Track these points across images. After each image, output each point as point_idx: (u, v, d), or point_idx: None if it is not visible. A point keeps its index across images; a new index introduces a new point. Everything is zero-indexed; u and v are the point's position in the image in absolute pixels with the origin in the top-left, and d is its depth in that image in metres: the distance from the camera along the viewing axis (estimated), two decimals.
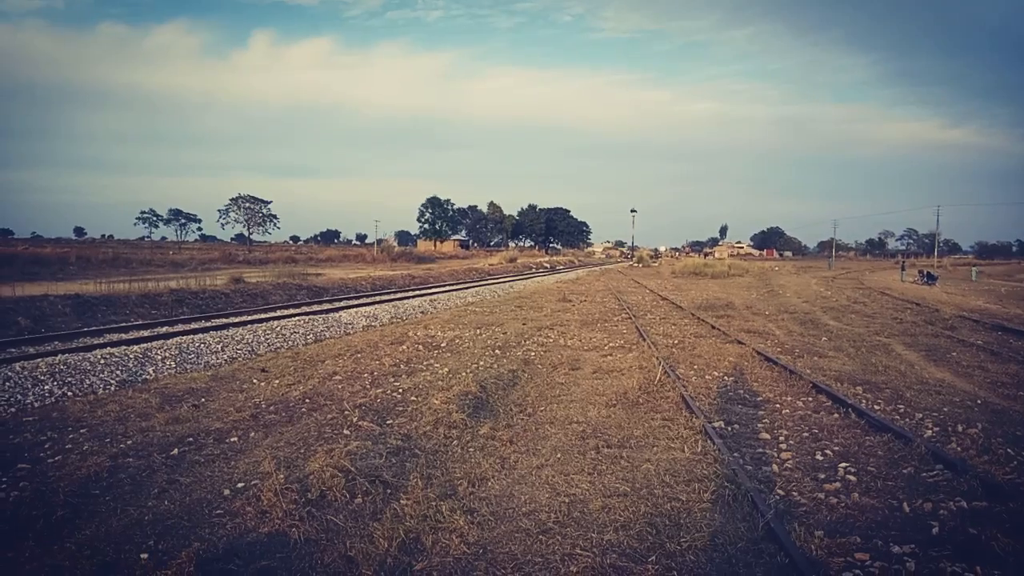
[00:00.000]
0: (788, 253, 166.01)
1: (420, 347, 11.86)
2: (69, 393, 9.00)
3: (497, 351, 11.43)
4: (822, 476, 5.41)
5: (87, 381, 9.67)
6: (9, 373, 9.66)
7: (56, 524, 4.44)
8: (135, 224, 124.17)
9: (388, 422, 6.95)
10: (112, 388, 9.37)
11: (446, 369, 9.77)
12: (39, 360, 10.82)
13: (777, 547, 4.08)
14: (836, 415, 7.27)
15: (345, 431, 6.58)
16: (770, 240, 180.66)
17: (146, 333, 14.43)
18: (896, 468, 5.57)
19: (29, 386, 9.12)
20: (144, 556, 3.99)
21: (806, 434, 6.60)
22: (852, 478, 5.33)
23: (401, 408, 7.53)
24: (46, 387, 9.16)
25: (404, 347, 11.80)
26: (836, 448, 6.10)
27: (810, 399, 8.00)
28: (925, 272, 39.67)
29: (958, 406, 7.76)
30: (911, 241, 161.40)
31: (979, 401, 8.05)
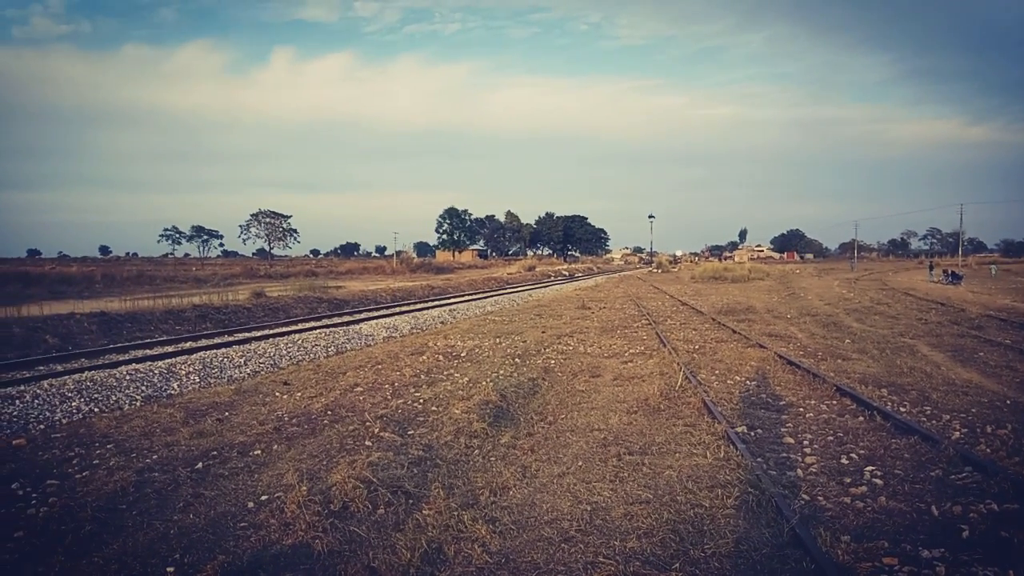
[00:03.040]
0: (809, 255, 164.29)
1: (440, 357, 11.89)
2: (96, 409, 9.13)
3: (517, 360, 11.42)
4: (848, 480, 5.33)
5: (113, 397, 9.81)
6: (38, 391, 9.84)
7: (84, 539, 4.51)
8: (158, 241, 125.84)
9: (409, 432, 6.97)
10: (137, 403, 9.49)
11: (466, 379, 9.78)
12: (66, 377, 11.00)
13: (803, 553, 4.03)
14: (861, 418, 7.17)
15: (367, 442, 6.60)
16: (790, 243, 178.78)
17: (170, 349, 14.62)
18: (924, 471, 5.48)
19: (57, 403, 9.28)
20: (170, 569, 4.04)
21: (831, 438, 6.51)
22: (879, 482, 5.25)
23: (422, 418, 7.55)
24: (73, 404, 9.31)
25: (424, 357, 11.84)
26: (862, 451, 6.02)
27: (834, 402, 7.91)
28: (949, 271, 39.08)
29: (986, 407, 7.63)
30: (934, 241, 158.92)
31: (1008, 401, 7.90)
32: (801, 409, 7.65)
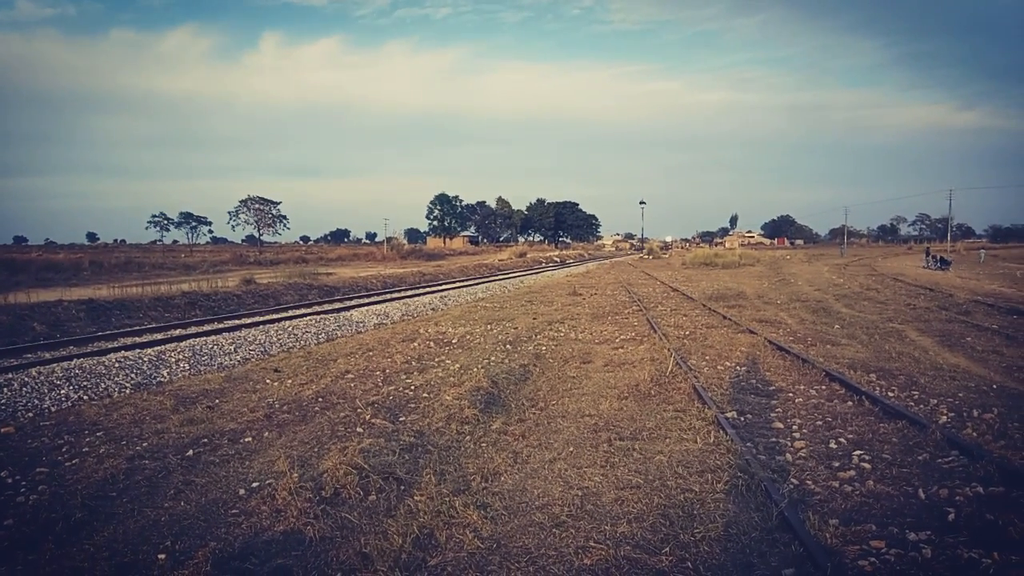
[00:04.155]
0: (799, 241, 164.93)
1: (431, 344, 11.88)
2: (85, 397, 9.08)
3: (508, 346, 11.43)
4: (836, 464, 5.38)
5: (102, 385, 9.75)
6: (26, 379, 9.77)
7: (75, 526, 4.50)
8: (147, 228, 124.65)
9: (401, 419, 6.97)
10: (127, 391, 9.44)
11: (457, 365, 9.78)
12: (55, 365, 10.93)
13: (791, 536, 4.07)
14: (850, 403, 7.23)
15: (358, 429, 6.61)
16: (781, 228, 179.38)
17: (159, 336, 14.54)
18: (911, 455, 5.53)
19: (46, 391, 9.22)
20: (161, 556, 4.03)
21: (820, 422, 6.56)
22: (866, 466, 5.30)
23: (413, 405, 7.55)
24: (62, 391, 9.25)
25: (415, 344, 11.84)
26: (850, 436, 6.07)
27: (823, 387, 7.96)
28: (938, 257, 39.29)
29: (973, 391, 7.70)
30: (923, 226, 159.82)
31: (995, 386, 7.97)
32: (791, 394, 7.70)
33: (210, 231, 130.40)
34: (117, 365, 10.97)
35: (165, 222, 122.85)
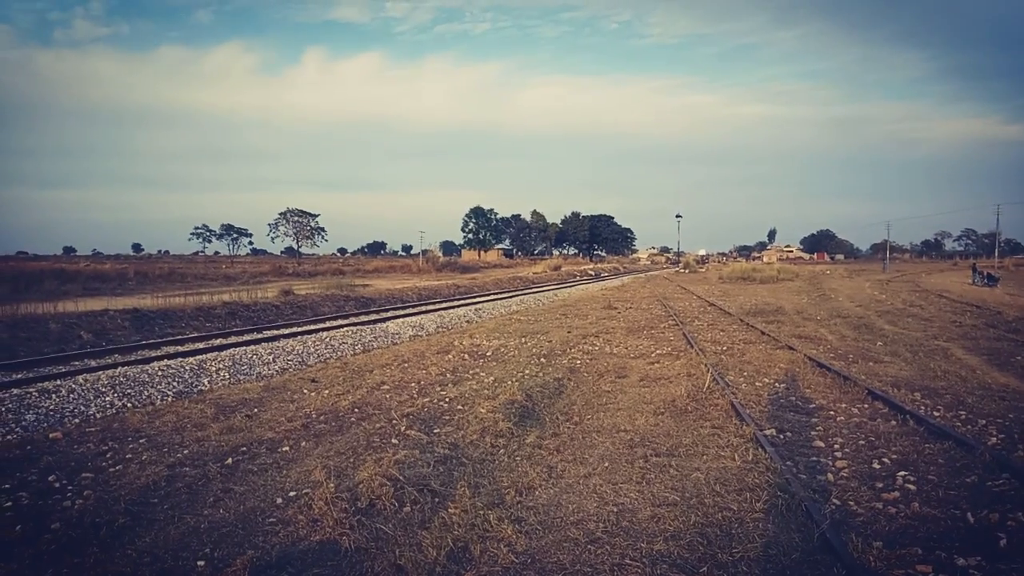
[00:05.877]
0: (840, 256, 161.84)
1: (466, 356, 11.92)
2: (129, 404, 9.31)
3: (542, 359, 11.40)
4: (880, 485, 5.23)
5: (145, 393, 9.99)
6: (73, 386, 10.06)
7: (118, 531, 4.59)
8: (189, 239, 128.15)
9: (435, 431, 6.99)
10: (169, 399, 9.65)
11: (492, 378, 9.79)
12: (100, 373, 11.24)
13: (833, 558, 3.96)
14: (893, 422, 7.04)
15: (393, 440, 6.64)
16: (821, 243, 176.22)
17: (201, 345, 14.85)
18: (958, 477, 5.36)
19: (91, 398, 9.48)
20: (201, 563, 4.10)
21: (862, 442, 6.40)
22: (911, 487, 5.15)
23: (448, 417, 7.57)
24: (107, 399, 9.50)
25: (450, 356, 11.88)
26: (894, 456, 5.90)
27: (865, 406, 7.77)
28: (985, 273, 38.13)
29: None
30: (969, 242, 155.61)
31: None
32: (832, 412, 7.53)
33: (250, 243, 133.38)
34: (160, 373, 11.23)
35: (207, 234, 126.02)
